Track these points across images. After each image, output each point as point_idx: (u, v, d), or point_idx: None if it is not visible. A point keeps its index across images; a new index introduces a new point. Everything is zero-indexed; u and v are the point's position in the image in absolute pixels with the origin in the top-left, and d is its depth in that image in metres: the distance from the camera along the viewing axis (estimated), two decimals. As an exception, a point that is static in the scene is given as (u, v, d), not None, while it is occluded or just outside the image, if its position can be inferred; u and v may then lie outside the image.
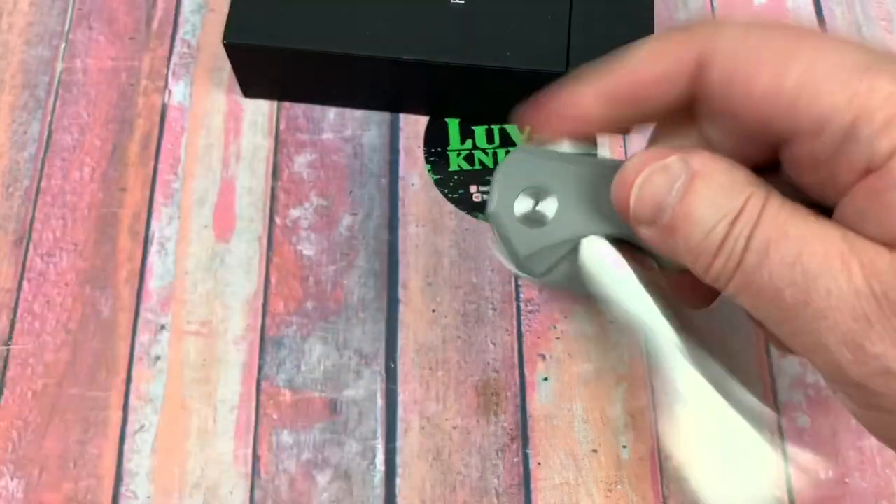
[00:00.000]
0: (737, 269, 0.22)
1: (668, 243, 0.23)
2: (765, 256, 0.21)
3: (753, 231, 0.21)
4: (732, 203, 0.22)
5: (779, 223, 0.21)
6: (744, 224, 0.21)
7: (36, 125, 0.43)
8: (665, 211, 0.23)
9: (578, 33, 0.40)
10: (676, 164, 0.23)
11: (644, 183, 0.23)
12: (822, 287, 0.20)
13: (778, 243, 0.21)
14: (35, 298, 0.39)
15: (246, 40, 0.40)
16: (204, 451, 0.37)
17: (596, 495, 0.36)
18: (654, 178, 0.23)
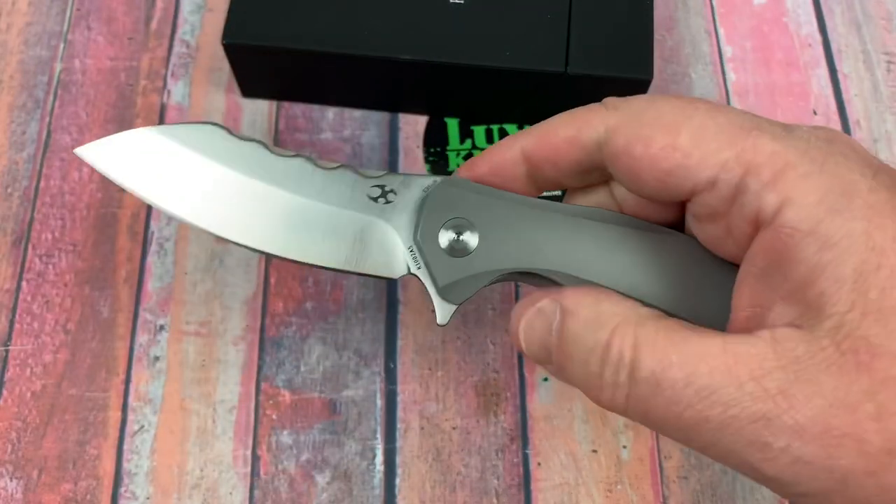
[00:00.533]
0: (627, 400, 0.23)
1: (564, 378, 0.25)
2: (655, 386, 0.22)
3: (636, 364, 0.22)
4: (597, 337, 0.23)
5: (660, 352, 0.22)
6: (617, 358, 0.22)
7: (34, 125, 0.43)
8: (547, 352, 0.25)
9: (578, 33, 0.40)
10: (549, 306, 0.25)
11: (526, 330, 0.25)
12: (716, 402, 0.21)
13: (665, 372, 0.22)
14: (34, 299, 0.39)
15: (245, 40, 0.40)
16: (203, 452, 0.37)
17: (596, 495, 0.36)
18: (533, 324, 0.25)
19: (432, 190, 0.28)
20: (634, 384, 0.22)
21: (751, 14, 0.46)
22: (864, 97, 0.44)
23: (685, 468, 0.37)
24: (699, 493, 0.36)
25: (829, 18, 0.46)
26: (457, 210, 0.27)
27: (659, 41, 0.45)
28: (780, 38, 0.46)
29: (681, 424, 0.22)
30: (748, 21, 0.46)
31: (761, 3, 0.47)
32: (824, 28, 0.46)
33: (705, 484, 0.37)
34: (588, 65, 0.39)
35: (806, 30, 0.46)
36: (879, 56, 0.45)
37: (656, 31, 0.45)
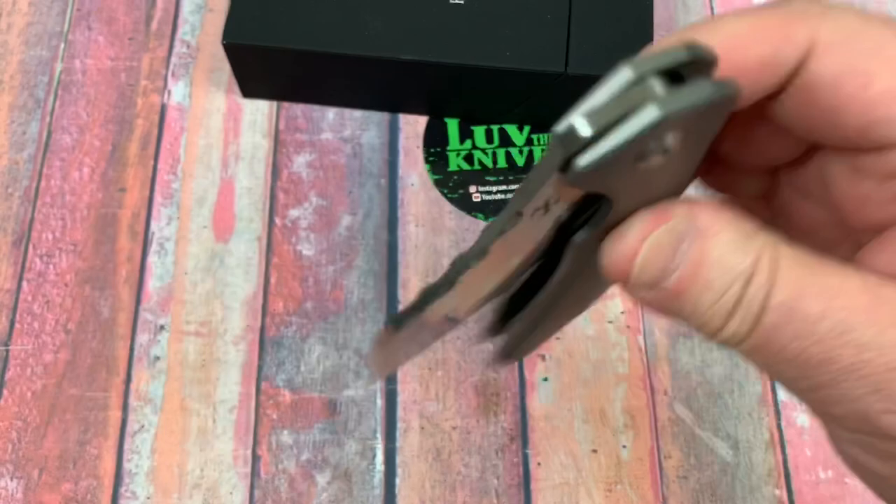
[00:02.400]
0: (753, 329, 0.20)
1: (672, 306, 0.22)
2: (786, 316, 0.20)
3: (771, 290, 0.20)
4: (744, 262, 0.20)
5: (796, 280, 0.20)
6: (759, 284, 0.20)
7: (35, 125, 0.43)
8: (670, 274, 0.21)
9: (578, 33, 0.40)
10: (681, 224, 0.21)
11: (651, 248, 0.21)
12: (850, 342, 0.19)
13: (799, 302, 0.20)
14: (34, 299, 0.39)
15: (245, 40, 0.40)
16: (203, 452, 0.37)
17: (596, 495, 0.36)
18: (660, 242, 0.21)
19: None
20: (765, 312, 0.20)
21: (751, 14, 0.46)
22: (863, 97, 0.44)
23: (685, 468, 0.37)
24: (699, 493, 0.36)
25: (828, 19, 0.46)
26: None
27: (659, 41, 0.45)
28: (780, 38, 0.46)
29: (803, 361, 0.20)
30: (748, 21, 0.46)
31: (761, 3, 0.47)
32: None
33: (705, 484, 0.37)
34: (588, 65, 0.39)
35: (806, 30, 0.46)
36: (879, 56, 0.45)
37: (656, 31, 0.45)
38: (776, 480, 0.37)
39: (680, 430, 0.37)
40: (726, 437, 0.37)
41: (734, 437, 0.37)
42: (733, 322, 0.20)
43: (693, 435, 0.37)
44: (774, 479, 0.37)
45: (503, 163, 0.42)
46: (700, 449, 0.37)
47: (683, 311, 0.21)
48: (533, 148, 0.43)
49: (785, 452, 0.37)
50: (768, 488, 0.37)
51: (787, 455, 0.37)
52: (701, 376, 0.38)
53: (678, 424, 0.38)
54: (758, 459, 0.37)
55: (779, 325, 0.20)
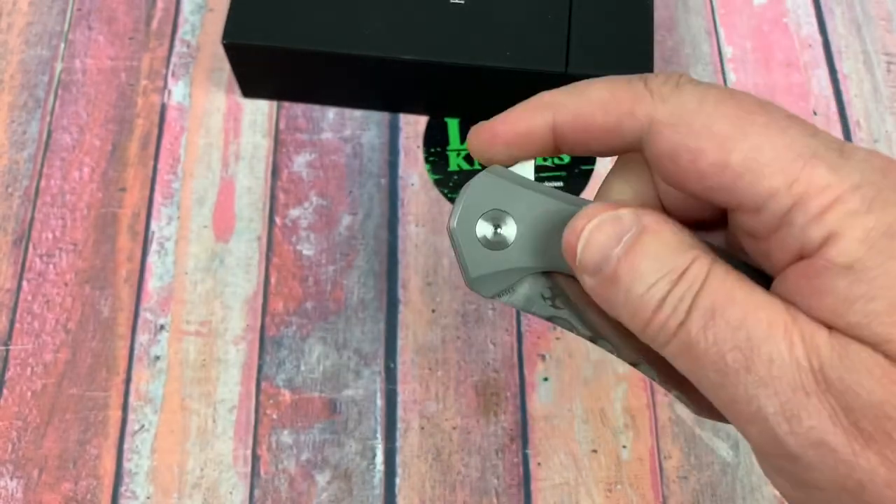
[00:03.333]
0: (679, 328, 0.22)
1: (608, 294, 0.23)
2: (710, 318, 0.21)
3: (699, 292, 0.22)
4: (678, 261, 0.22)
5: (725, 288, 0.21)
6: (689, 284, 0.22)
7: (35, 125, 0.43)
8: (610, 261, 0.23)
9: (578, 33, 0.40)
10: (628, 217, 0.23)
11: (594, 230, 0.23)
12: (764, 354, 0.21)
13: (724, 306, 0.21)
14: (34, 298, 0.39)
15: (245, 40, 0.40)
16: (203, 451, 0.37)
17: (596, 495, 0.36)
18: (604, 226, 0.23)
19: (474, 178, 0.27)
20: (691, 311, 0.21)
21: (751, 14, 0.46)
22: (864, 98, 0.44)
23: (685, 468, 0.37)
24: (699, 493, 0.36)
25: (829, 19, 0.46)
26: (497, 202, 0.27)
27: (659, 41, 0.45)
28: (781, 38, 0.46)
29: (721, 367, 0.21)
30: (748, 21, 0.46)
31: (761, 3, 0.47)
32: (824, 29, 0.46)
33: (705, 484, 0.37)
34: (588, 65, 0.39)
35: (806, 30, 0.46)
36: (879, 57, 0.45)
37: (656, 32, 0.45)
38: (776, 480, 0.37)
39: (680, 430, 0.37)
40: (726, 437, 0.37)
41: (734, 437, 0.37)
42: (660, 316, 0.22)
43: (693, 435, 0.37)
44: (774, 480, 0.37)
45: (503, 163, 0.42)
46: (700, 449, 0.37)
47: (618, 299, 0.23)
48: (533, 148, 0.43)
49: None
50: (768, 488, 0.37)
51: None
52: (701, 376, 0.38)
53: (678, 424, 0.38)
54: (758, 459, 0.37)
55: (703, 328, 0.21)
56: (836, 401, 0.20)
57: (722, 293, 0.21)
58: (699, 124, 0.22)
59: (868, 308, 0.20)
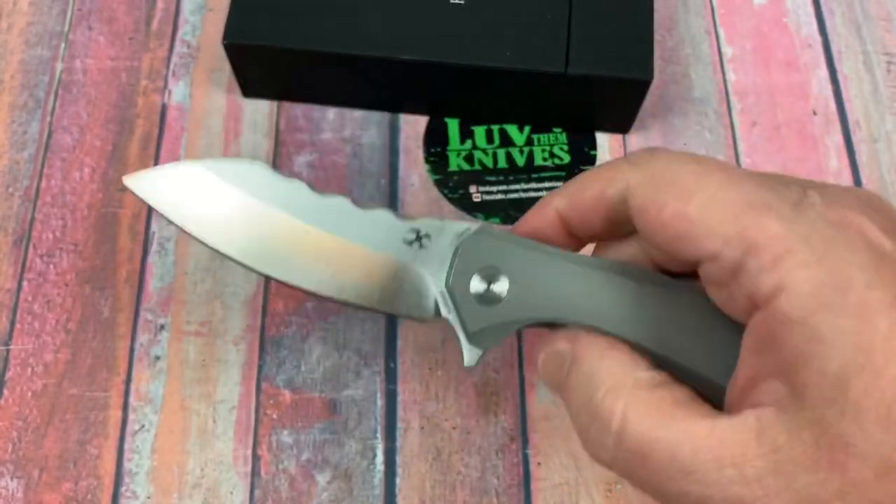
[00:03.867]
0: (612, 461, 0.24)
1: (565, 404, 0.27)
2: (641, 458, 0.23)
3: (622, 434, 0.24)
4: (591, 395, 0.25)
5: (646, 426, 0.23)
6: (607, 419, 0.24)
7: (35, 125, 0.43)
8: (557, 386, 0.27)
9: (578, 33, 0.40)
10: (563, 350, 0.27)
11: (544, 364, 0.27)
12: (697, 481, 0.22)
13: (651, 446, 0.23)
14: (35, 299, 0.39)
15: (246, 40, 0.40)
16: (204, 451, 0.37)
17: (596, 495, 0.36)
18: (551, 360, 0.27)
19: (465, 238, 0.29)
20: (620, 451, 0.24)
21: (751, 14, 0.46)
22: (863, 98, 0.44)
23: (685, 468, 0.37)
24: (699, 493, 0.36)
25: (829, 19, 0.46)
26: (489, 259, 0.28)
27: (659, 41, 0.45)
28: (780, 38, 0.46)
29: (662, 493, 0.23)
30: (748, 21, 0.46)
31: (761, 3, 0.47)
32: (824, 29, 0.46)
33: (705, 484, 0.37)
34: (588, 65, 0.39)
35: (806, 30, 0.46)
36: (879, 57, 0.45)
37: (656, 32, 0.45)
38: (776, 480, 0.37)
39: (680, 430, 0.37)
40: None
41: (734, 437, 0.37)
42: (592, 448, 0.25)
43: (693, 435, 0.37)
44: (774, 479, 0.37)
45: (503, 163, 0.42)
46: (700, 449, 0.37)
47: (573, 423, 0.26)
48: (533, 148, 0.43)
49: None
50: (768, 488, 0.37)
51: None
52: (701, 376, 0.38)
53: (678, 424, 0.38)
54: (758, 459, 0.37)
55: (636, 464, 0.23)
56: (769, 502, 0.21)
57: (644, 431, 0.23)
58: (665, 181, 0.25)
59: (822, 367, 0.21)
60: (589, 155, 0.43)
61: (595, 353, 0.25)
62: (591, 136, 0.43)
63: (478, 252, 0.28)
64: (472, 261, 0.28)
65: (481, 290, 0.28)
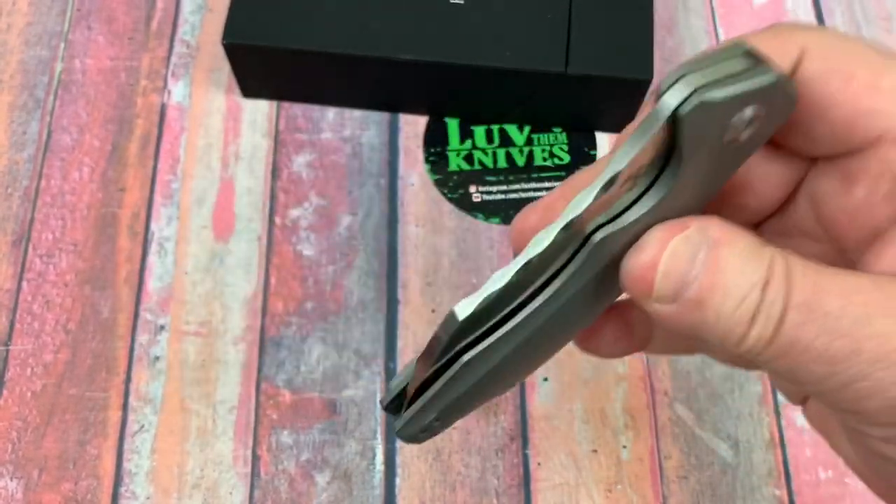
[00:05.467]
0: (776, 332, 0.21)
1: (693, 318, 0.22)
2: (807, 315, 0.21)
3: (789, 292, 0.21)
4: (760, 267, 0.21)
5: (812, 282, 0.21)
6: (776, 288, 0.21)
7: (35, 125, 0.43)
8: (690, 285, 0.22)
9: (578, 33, 0.40)
10: (696, 235, 0.22)
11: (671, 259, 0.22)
12: (873, 333, 0.21)
13: (818, 300, 0.21)
14: (34, 299, 0.39)
15: (245, 40, 0.40)
16: (203, 452, 0.37)
17: (596, 496, 0.36)
18: (678, 251, 0.22)
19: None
20: (786, 313, 0.21)
21: (751, 15, 0.46)
22: (864, 97, 0.44)
23: (685, 468, 0.37)
24: (699, 494, 0.36)
25: (829, 19, 0.46)
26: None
27: (659, 41, 0.45)
28: (780, 38, 0.46)
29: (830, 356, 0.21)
30: (748, 21, 0.46)
31: (761, 3, 0.47)
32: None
33: (705, 484, 0.37)
34: (588, 65, 0.39)
35: (806, 30, 0.46)
36: (879, 56, 0.45)
37: (656, 32, 0.45)
38: (776, 480, 0.37)
39: (680, 430, 0.37)
40: (726, 438, 0.37)
41: (734, 438, 0.37)
42: (756, 327, 0.21)
43: (693, 435, 0.37)
44: (775, 480, 0.37)
45: (503, 163, 0.42)
46: (700, 449, 0.37)
47: (707, 321, 0.22)
48: (533, 148, 0.43)
49: (785, 452, 0.37)
50: (768, 488, 0.37)
51: (787, 455, 0.37)
52: (701, 376, 0.38)
53: (678, 424, 0.38)
54: (758, 459, 0.37)
55: (802, 324, 0.21)
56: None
57: (812, 287, 0.21)
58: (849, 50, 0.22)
59: None
60: (589, 155, 0.43)
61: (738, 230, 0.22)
62: (591, 136, 0.43)
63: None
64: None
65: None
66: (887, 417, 0.21)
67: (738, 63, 0.21)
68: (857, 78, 0.22)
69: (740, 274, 0.21)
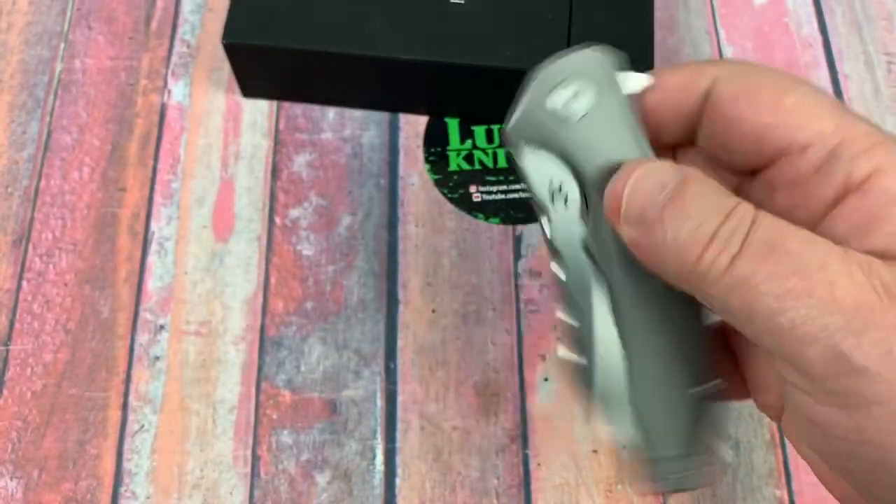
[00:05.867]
0: (732, 262, 0.22)
1: (652, 240, 0.24)
2: (768, 251, 0.22)
3: (753, 226, 0.22)
4: (725, 202, 0.23)
5: (777, 224, 0.23)
6: (739, 220, 0.23)
7: (35, 125, 0.43)
8: (655, 207, 0.24)
9: (578, 33, 0.40)
10: (669, 169, 0.24)
11: (638, 180, 0.24)
12: (825, 279, 0.21)
13: (782, 238, 0.22)
14: (34, 298, 0.39)
15: (245, 40, 0.40)
16: (203, 452, 0.37)
17: (596, 496, 0.36)
18: (647, 177, 0.24)
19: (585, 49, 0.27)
20: (746, 245, 0.22)
21: (751, 14, 0.46)
22: (864, 98, 0.44)
23: (685, 468, 0.37)
24: (699, 494, 0.36)
25: (829, 19, 0.46)
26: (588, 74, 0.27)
27: (659, 42, 0.45)
28: (781, 38, 0.46)
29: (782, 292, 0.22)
30: (749, 21, 0.46)
31: (762, 3, 0.47)
32: (825, 28, 0.46)
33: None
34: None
35: (806, 30, 0.46)
36: (880, 57, 0.45)
37: (656, 32, 0.45)
38: (777, 481, 0.37)
39: (680, 430, 0.37)
40: (727, 438, 0.37)
41: (735, 438, 0.37)
42: (712, 250, 0.23)
43: (693, 435, 0.37)
44: (775, 480, 0.37)
45: (503, 163, 0.42)
46: (700, 449, 0.37)
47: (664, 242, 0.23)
48: (533, 148, 0.43)
49: (786, 453, 0.37)
50: (769, 489, 0.37)
51: (787, 455, 0.37)
52: (701, 377, 0.38)
53: (678, 425, 0.38)
54: (758, 460, 0.37)
55: (760, 259, 0.22)
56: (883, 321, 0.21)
57: (775, 227, 0.22)
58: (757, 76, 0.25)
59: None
60: (589, 155, 0.43)
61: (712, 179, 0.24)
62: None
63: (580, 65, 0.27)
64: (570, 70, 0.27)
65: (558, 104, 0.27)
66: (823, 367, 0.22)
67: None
68: (762, 97, 0.25)
69: (703, 202, 0.23)
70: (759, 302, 0.22)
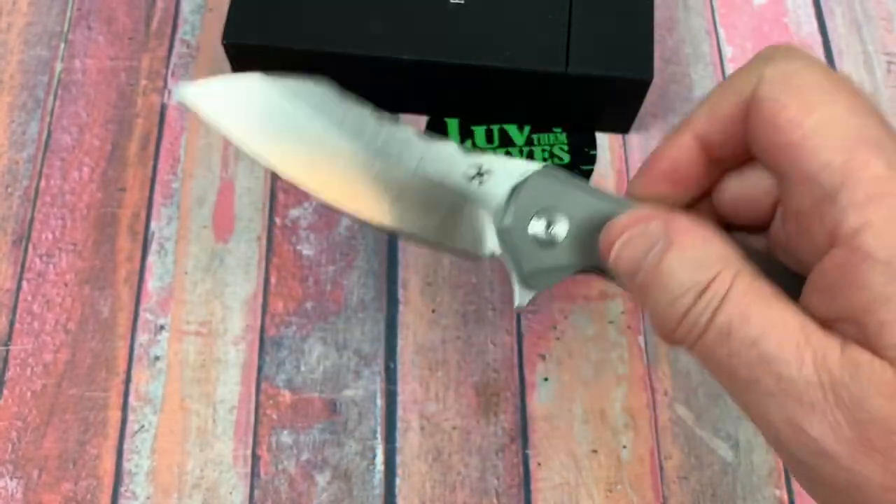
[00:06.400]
0: (699, 339, 0.23)
1: (640, 300, 0.25)
2: (726, 336, 0.23)
3: (717, 310, 0.23)
4: (700, 277, 0.23)
5: (743, 305, 0.23)
6: (709, 300, 0.23)
7: (35, 125, 0.43)
8: (641, 272, 0.25)
9: (578, 33, 0.40)
10: (656, 230, 0.25)
11: (625, 243, 0.25)
12: (773, 371, 0.22)
13: (739, 325, 0.23)
14: (34, 298, 0.39)
15: (245, 40, 0.40)
16: (203, 452, 0.37)
17: (596, 496, 0.36)
18: (634, 240, 0.25)
19: (528, 177, 0.28)
20: (709, 326, 0.23)
21: (751, 14, 0.46)
22: (864, 97, 0.44)
23: (685, 468, 0.37)
24: (699, 494, 0.36)
25: (829, 19, 0.46)
26: (549, 200, 0.28)
27: (659, 41, 0.45)
28: (781, 38, 0.46)
29: (734, 377, 0.23)
30: (748, 21, 0.46)
31: (762, 3, 0.47)
32: (825, 28, 0.46)
33: (705, 484, 0.37)
34: (588, 65, 0.39)
35: (806, 30, 0.46)
36: (880, 57, 0.45)
37: (656, 32, 0.45)
38: (777, 481, 0.37)
39: (680, 430, 0.37)
40: (727, 438, 0.37)
41: (735, 438, 0.37)
42: (683, 328, 0.24)
43: (693, 435, 0.37)
44: (775, 480, 0.37)
45: (503, 163, 0.42)
46: (700, 449, 0.37)
47: (647, 307, 0.25)
48: (533, 148, 0.43)
49: (785, 453, 0.37)
50: (769, 489, 0.37)
51: (787, 455, 0.37)
52: (701, 376, 0.38)
53: (678, 425, 0.38)
54: (758, 460, 0.37)
55: (718, 343, 0.23)
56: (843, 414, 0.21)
57: (738, 311, 0.23)
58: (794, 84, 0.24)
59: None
60: (589, 155, 0.43)
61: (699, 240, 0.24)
62: (591, 136, 0.43)
63: (539, 192, 0.28)
64: (533, 201, 0.28)
65: (540, 230, 0.27)
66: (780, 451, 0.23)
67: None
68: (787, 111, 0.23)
69: (680, 277, 0.24)
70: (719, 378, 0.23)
